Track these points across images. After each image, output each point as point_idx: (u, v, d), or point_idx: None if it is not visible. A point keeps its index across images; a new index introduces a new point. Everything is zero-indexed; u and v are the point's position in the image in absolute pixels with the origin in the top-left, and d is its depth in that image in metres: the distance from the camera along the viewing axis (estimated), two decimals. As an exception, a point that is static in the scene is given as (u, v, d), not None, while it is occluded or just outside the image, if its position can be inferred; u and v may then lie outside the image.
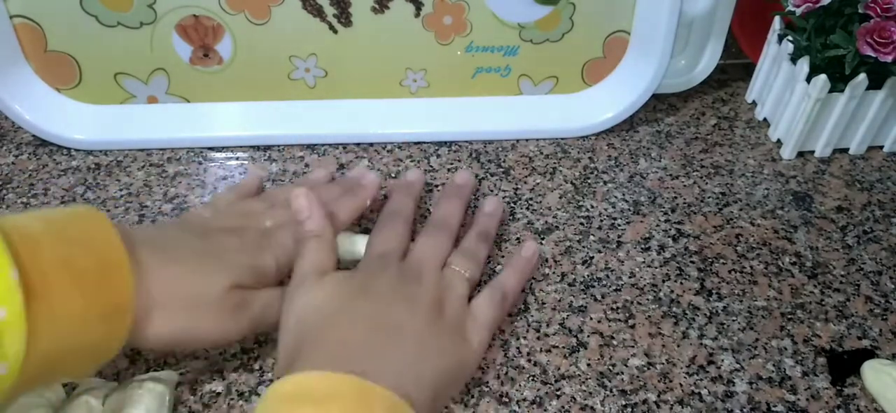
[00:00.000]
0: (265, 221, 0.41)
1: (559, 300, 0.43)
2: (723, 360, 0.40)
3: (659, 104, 0.59)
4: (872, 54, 0.47)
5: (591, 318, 0.42)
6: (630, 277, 0.45)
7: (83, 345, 0.30)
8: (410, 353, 0.33)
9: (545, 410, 0.37)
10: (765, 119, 0.58)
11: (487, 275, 0.44)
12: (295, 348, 0.34)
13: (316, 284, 0.36)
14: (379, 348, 0.33)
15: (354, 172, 0.50)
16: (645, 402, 0.38)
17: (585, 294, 0.43)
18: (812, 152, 0.54)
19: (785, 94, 0.54)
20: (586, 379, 0.39)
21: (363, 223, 0.47)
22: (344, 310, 0.35)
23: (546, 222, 0.48)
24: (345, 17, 0.51)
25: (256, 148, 0.54)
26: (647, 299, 0.43)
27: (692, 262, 0.46)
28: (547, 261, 0.45)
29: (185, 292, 0.34)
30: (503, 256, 0.46)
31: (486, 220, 0.45)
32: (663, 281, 0.44)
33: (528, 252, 0.43)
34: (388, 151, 0.54)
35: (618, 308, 0.43)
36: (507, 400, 0.38)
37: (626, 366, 0.40)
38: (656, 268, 0.45)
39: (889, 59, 0.47)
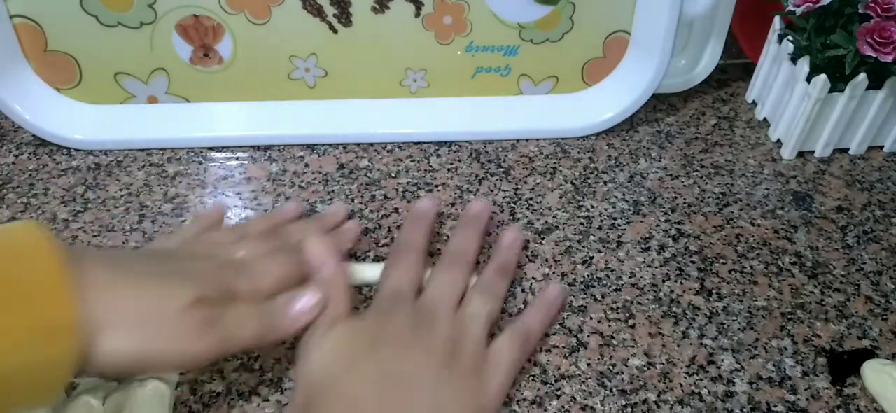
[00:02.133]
0: (236, 252, 0.38)
1: (559, 300, 0.43)
2: (723, 360, 0.40)
3: (659, 104, 0.59)
4: (872, 54, 0.47)
5: (591, 318, 0.42)
6: (630, 277, 0.45)
7: (21, 370, 0.27)
8: (425, 405, 0.32)
9: (545, 410, 0.37)
10: (765, 119, 0.58)
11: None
12: (305, 406, 0.32)
13: (326, 336, 0.35)
14: (391, 403, 0.32)
15: (331, 210, 0.47)
16: (645, 402, 0.38)
17: (585, 294, 0.43)
18: (812, 152, 0.54)
19: (785, 94, 0.54)
20: (586, 379, 0.39)
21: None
22: (354, 364, 0.33)
23: (546, 222, 0.48)
24: (345, 17, 0.51)
25: (256, 148, 0.54)
26: (647, 299, 0.43)
27: (692, 262, 0.46)
28: (547, 260, 0.45)
29: (142, 307, 0.31)
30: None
31: (505, 253, 0.42)
32: (663, 281, 0.44)
33: (553, 292, 0.41)
34: (388, 151, 0.54)
35: (618, 308, 0.43)
36: (507, 400, 0.38)
37: (626, 366, 0.40)
38: (656, 268, 0.45)
39: (889, 58, 0.47)
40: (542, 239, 0.47)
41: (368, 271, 0.42)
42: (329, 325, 0.35)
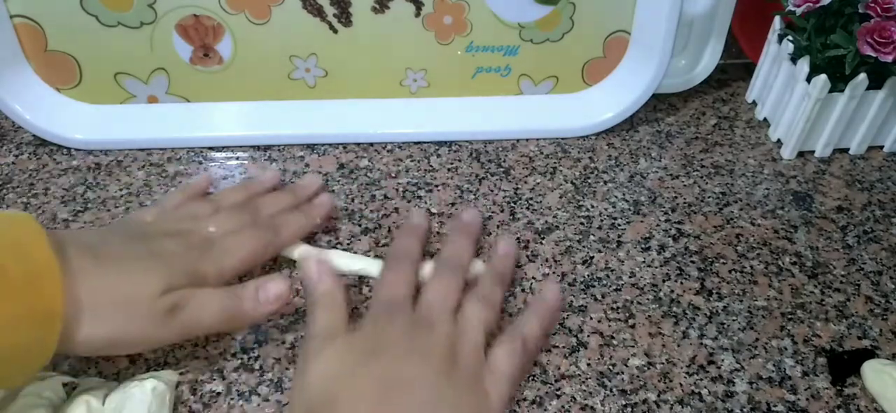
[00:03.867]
0: (209, 226, 0.40)
1: (559, 300, 0.43)
2: (723, 360, 0.40)
3: (659, 104, 0.59)
4: (873, 54, 0.47)
5: (591, 318, 0.42)
6: (630, 277, 0.45)
7: (12, 352, 0.30)
8: (426, 408, 0.32)
9: (545, 410, 0.37)
10: (765, 119, 0.58)
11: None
12: None
13: (325, 349, 0.35)
14: (391, 409, 0.32)
15: (304, 181, 0.49)
16: (645, 401, 0.38)
17: (585, 294, 0.43)
18: (812, 152, 0.54)
19: (785, 94, 0.54)
20: (586, 379, 0.39)
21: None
22: (353, 375, 0.33)
23: (546, 222, 0.48)
24: (345, 17, 0.51)
25: (256, 148, 0.54)
26: (647, 299, 0.43)
27: (692, 261, 0.46)
28: (547, 260, 0.45)
29: (116, 294, 0.33)
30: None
31: (501, 261, 0.42)
32: (663, 281, 0.44)
33: (551, 295, 0.40)
34: (388, 151, 0.54)
35: (618, 308, 0.43)
36: (507, 400, 0.38)
37: (626, 366, 0.40)
38: (656, 268, 0.45)
39: (889, 58, 0.47)
40: (542, 239, 0.47)
41: (356, 263, 0.43)
42: (327, 340, 0.35)
